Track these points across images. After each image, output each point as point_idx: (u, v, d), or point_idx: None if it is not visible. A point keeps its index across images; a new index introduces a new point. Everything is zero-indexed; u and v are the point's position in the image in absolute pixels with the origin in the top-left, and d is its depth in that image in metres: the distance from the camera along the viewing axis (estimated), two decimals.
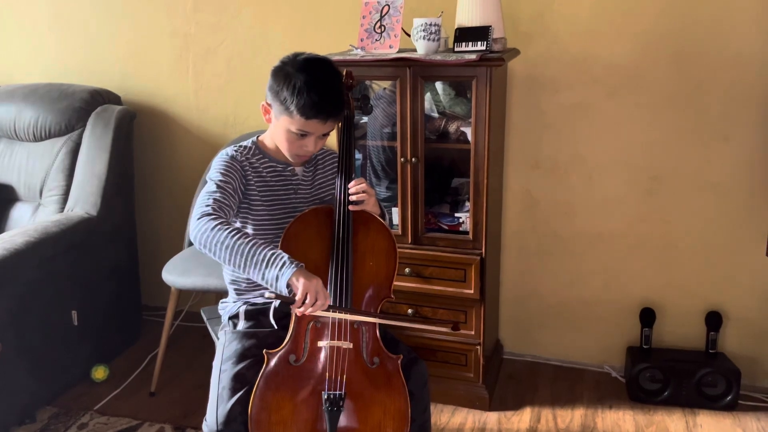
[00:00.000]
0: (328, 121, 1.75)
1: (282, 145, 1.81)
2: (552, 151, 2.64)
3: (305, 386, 1.67)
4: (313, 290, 1.57)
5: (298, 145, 1.77)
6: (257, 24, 2.85)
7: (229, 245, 1.59)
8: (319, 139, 1.79)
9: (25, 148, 2.94)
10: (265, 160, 1.85)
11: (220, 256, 1.61)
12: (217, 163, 1.79)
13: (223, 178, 1.74)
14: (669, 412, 2.51)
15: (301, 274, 1.57)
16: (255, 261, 1.58)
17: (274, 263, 1.57)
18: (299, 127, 1.73)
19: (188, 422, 2.48)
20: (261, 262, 1.58)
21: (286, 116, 1.74)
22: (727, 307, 2.59)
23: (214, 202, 1.68)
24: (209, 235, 1.61)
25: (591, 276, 2.72)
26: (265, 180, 1.83)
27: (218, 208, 1.67)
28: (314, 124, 1.73)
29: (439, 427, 2.45)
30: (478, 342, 2.46)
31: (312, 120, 1.72)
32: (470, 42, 2.25)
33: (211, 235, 1.60)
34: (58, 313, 2.58)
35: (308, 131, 1.75)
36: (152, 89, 3.09)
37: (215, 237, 1.60)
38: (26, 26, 3.20)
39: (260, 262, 1.58)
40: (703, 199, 2.53)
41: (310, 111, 1.70)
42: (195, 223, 1.64)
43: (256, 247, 1.59)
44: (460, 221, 2.46)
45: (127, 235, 2.98)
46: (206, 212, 1.65)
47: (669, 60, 2.44)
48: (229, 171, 1.76)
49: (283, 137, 1.78)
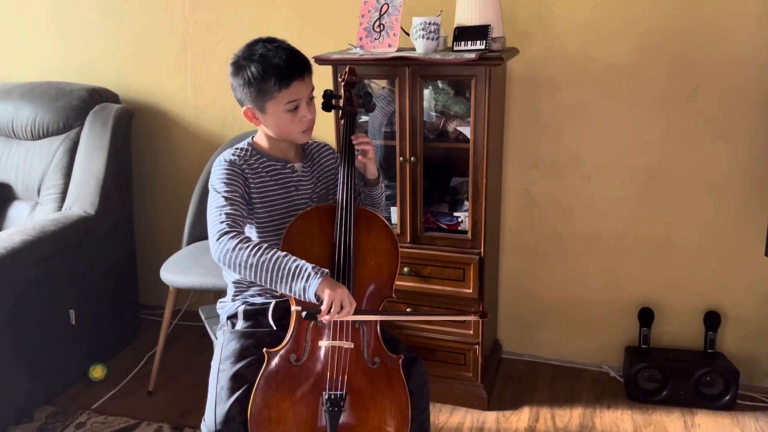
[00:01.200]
0: (305, 77, 1.75)
1: (286, 132, 1.79)
2: (551, 151, 2.64)
3: (305, 386, 1.67)
4: (339, 299, 1.58)
5: (297, 120, 1.77)
6: (255, 23, 2.84)
7: (253, 264, 1.60)
8: (310, 103, 1.79)
9: (22, 147, 2.93)
10: (263, 159, 1.83)
11: (247, 275, 1.62)
12: (218, 171, 1.77)
13: (227, 188, 1.73)
14: (667, 411, 2.51)
15: (326, 284, 1.59)
16: (281, 276, 1.60)
17: (301, 275, 1.59)
18: (288, 99, 1.73)
19: (186, 422, 2.47)
20: (287, 275, 1.59)
21: (270, 101, 1.73)
22: (725, 306, 2.59)
23: (227, 218, 1.67)
24: (231, 256, 1.62)
25: (589, 276, 2.72)
26: (264, 180, 1.82)
27: (232, 222, 1.67)
28: (297, 87, 1.73)
29: (438, 426, 2.45)
30: (477, 341, 2.46)
31: (293, 83, 1.72)
32: (469, 41, 2.25)
33: (233, 256, 1.61)
34: (55, 312, 2.57)
35: (296, 97, 1.74)
36: (150, 88, 3.08)
37: (238, 257, 1.61)
38: (24, 25, 3.19)
39: (286, 275, 1.59)
40: (702, 199, 2.53)
41: (285, 75, 1.70)
42: (215, 244, 1.64)
43: (279, 261, 1.60)
44: (458, 220, 2.45)
45: (125, 234, 2.97)
46: (223, 231, 1.65)
47: (668, 60, 2.44)
48: (232, 178, 1.75)
49: (282, 123, 1.77)
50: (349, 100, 1.95)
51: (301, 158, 1.90)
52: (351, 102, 1.94)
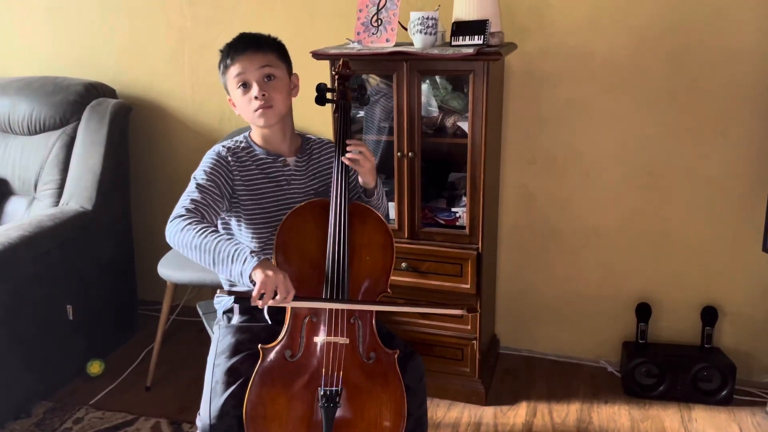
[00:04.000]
0: (253, 51, 1.78)
1: (244, 112, 1.83)
2: (549, 146, 2.63)
3: (301, 382, 1.66)
4: (272, 284, 1.54)
5: (248, 98, 1.79)
6: (253, 18, 2.83)
7: (196, 245, 1.60)
8: (265, 84, 1.79)
9: (19, 142, 2.92)
10: (255, 153, 1.85)
11: (193, 257, 1.62)
12: (204, 162, 1.81)
13: (205, 177, 1.76)
14: (664, 406, 2.52)
15: (261, 268, 1.55)
16: (221, 258, 1.58)
17: (238, 259, 1.57)
18: (235, 73, 1.78)
19: (184, 417, 2.47)
20: (226, 258, 1.58)
21: (227, 79, 1.81)
22: (722, 302, 2.59)
23: (191, 203, 1.70)
24: (179, 237, 1.63)
25: (587, 271, 2.72)
26: (252, 173, 1.83)
27: (194, 208, 1.68)
28: (243, 62, 1.77)
29: (435, 421, 2.45)
30: (475, 337, 2.46)
31: (238, 58, 1.77)
32: (467, 36, 2.24)
33: (180, 237, 1.63)
34: (53, 308, 2.57)
35: (242, 71, 1.77)
36: (148, 83, 3.07)
37: (184, 238, 1.62)
38: (21, 19, 3.18)
39: (226, 258, 1.58)
40: (700, 194, 2.53)
41: (232, 50, 1.79)
42: (168, 226, 1.67)
43: (220, 243, 1.59)
44: (456, 216, 2.45)
45: (122, 230, 2.97)
46: (178, 214, 1.67)
47: (666, 55, 2.43)
48: (214, 170, 1.78)
49: (240, 103, 1.82)
50: (342, 94, 1.94)
51: (296, 153, 1.90)
52: (345, 95, 1.93)
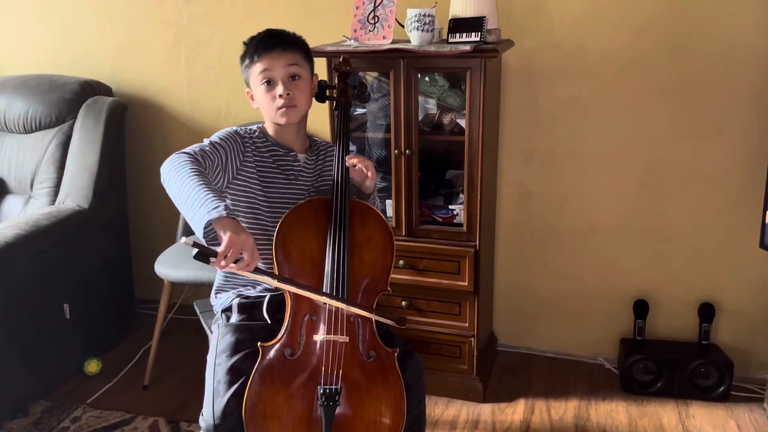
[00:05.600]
0: (283, 52, 1.77)
1: (265, 108, 1.82)
2: (546, 144, 2.63)
3: (300, 380, 1.66)
4: (239, 246, 1.47)
5: (272, 96, 1.79)
6: (249, 15, 2.82)
7: (183, 176, 1.57)
8: (290, 83, 1.79)
9: (15, 140, 2.91)
10: (268, 143, 1.86)
11: (172, 188, 1.59)
12: (220, 132, 1.82)
13: (218, 141, 1.76)
14: (662, 403, 2.52)
15: (230, 225, 1.48)
16: (195, 198, 1.51)
17: (207, 205, 1.48)
18: (260, 69, 1.78)
19: (182, 415, 2.47)
20: (199, 199, 1.50)
21: (250, 74, 1.80)
22: (720, 298, 2.60)
23: (199, 150, 1.70)
24: (175, 166, 1.61)
25: (585, 268, 2.72)
26: (265, 160, 1.83)
27: (199, 155, 1.68)
28: (269, 59, 1.77)
29: (434, 419, 2.45)
30: (473, 334, 2.46)
31: (264, 54, 1.77)
32: (464, 33, 2.24)
33: (176, 167, 1.61)
34: (50, 307, 2.56)
35: (267, 68, 1.77)
36: (144, 81, 3.06)
37: (178, 168, 1.60)
38: (17, 17, 3.17)
39: (198, 199, 1.50)
40: (697, 191, 2.53)
41: (259, 46, 1.78)
42: (170, 156, 1.65)
43: (202, 186, 1.54)
44: (454, 213, 2.45)
45: (119, 228, 2.96)
46: (185, 151, 1.67)
47: (664, 53, 2.43)
48: (228, 140, 1.79)
49: (262, 99, 1.81)
50: (343, 91, 1.93)
51: (306, 150, 1.91)
52: (345, 93, 1.93)
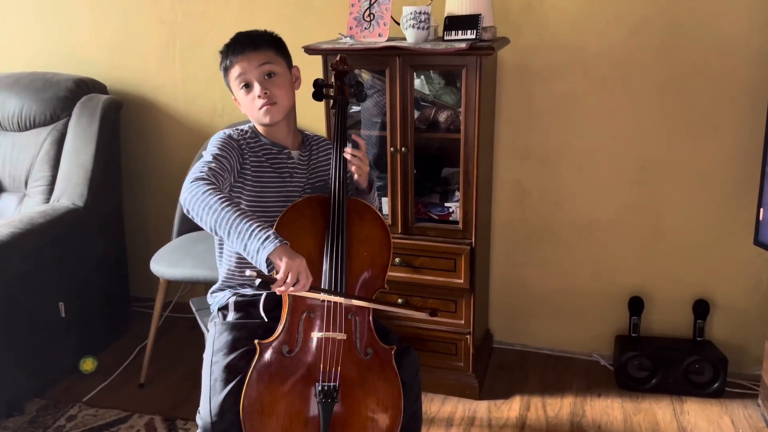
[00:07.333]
0: (252, 51, 1.79)
1: (249, 111, 1.84)
2: (542, 141, 2.64)
3: (298, 377, 1.66)
4: (296, 270, 1.54)
5: (251, 98, 1.81)
6: (245, 13, 2.82)
7: (217, 210, 1.57)
8: (266, 81, 1.80)
9: (9, 138, 2.90)
10: (261, 142, 1.86)
11: (206, 221, 1.59)
12: (215, 140, 1.80)
13: (219, 152, 1.75)
14: (657, 399, 2.53)
15: (284, 252, 1.53)
16: (240, 230, 1.55)
17: (258, 235, 1.53)
18: (236, 75, 1.80)
19: (178, 413, 2.47)
20: (245, 231, 1.55)
21: (230, 80, 1.82)
22: (714, 295, 2.61)
23: (209, 170, 1.68)
24: (200, 198, 1.60)
25: (580, 265, 2.73)
26: (261, 161, 1.83)
27: (212, 176, 1.67)
28: (243, 62, 1.78)
29: (430, 416, 2.45)
30: (468, 331, 2.46)
31: (237, 59, 1.78)
32: (460, 31, 2.24)
33: (201, 198, 1.60)
34: (45, 305, 2.55)
35: (242, 71, 1.79)
36: (139, 79, 3.05)
37: (205, 200, 1.59)
38: (10, 14, 3.15)
39: (244, 231, 1.55)
40: (692, 188, 2.54)
41: (230, 53, 1.80)
42: (188, 185, 1.63)
43: (243, 216, 1.57)
44: (450, 211, 2.45)
45: (114, 226, 2.95)
46: (200, 176, 1.65)
47: (658, 50, 2.44)
48: (226, 148, 1.78)
49: (244, 103, 1.83)
50: (340, 89, 1.93)
51: (299, 147, 1.91)
52: (342, 91, 1.93)
